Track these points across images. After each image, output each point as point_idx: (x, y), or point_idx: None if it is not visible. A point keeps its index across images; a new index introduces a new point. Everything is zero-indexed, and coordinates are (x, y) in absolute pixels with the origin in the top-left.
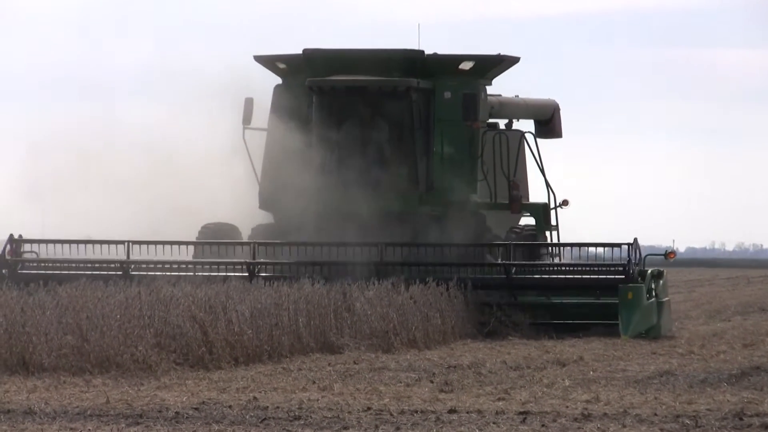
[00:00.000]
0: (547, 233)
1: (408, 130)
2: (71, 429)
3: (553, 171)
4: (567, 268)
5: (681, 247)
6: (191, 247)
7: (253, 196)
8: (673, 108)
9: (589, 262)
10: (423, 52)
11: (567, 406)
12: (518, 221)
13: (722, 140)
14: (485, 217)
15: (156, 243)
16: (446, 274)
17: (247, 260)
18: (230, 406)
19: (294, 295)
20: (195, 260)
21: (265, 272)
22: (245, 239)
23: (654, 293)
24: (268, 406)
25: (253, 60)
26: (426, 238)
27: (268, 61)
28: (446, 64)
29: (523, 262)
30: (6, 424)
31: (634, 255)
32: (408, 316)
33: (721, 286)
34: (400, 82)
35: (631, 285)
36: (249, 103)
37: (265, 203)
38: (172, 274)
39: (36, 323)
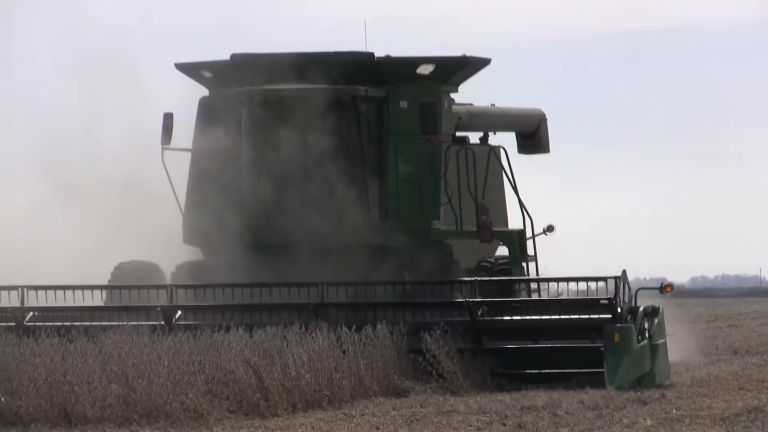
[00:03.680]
0: (524, 265)
1: (356, 147)
2: None
3: (541, 192)
4: (541, 310)
5: (767, 275)
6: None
7: (177, 229)
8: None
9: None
10: (373, 54)
11: None
12: (493, 251)
13: None
14: (451, 247)
15: (56, 288)
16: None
17: (163, 305)
18: None
19: (354, 336)
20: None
21: (185, 320)
22: (168, 280)
23: (647, 334)
24: None
25: (174, 68)
26: (380, 275)
27: (192, 69)
28: (401, 68)
29: (493, 297)
30: None
31: (622, 289)
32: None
33: None
34: (346, 90)
35: (618, 325)
36: (168, 119)
37: (190, 237)
38: (75, 323)
39: (78, 372)
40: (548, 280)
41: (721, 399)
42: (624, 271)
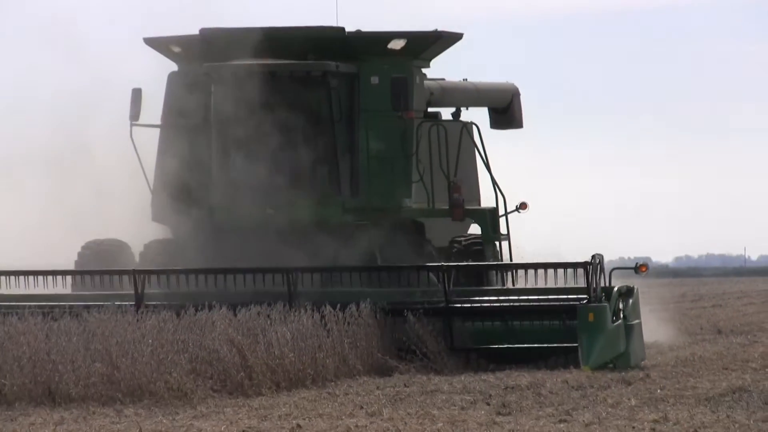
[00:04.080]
0: (497, 244)
1: (327, 124)
2: None
3: (516, 168)
4: (515, 294)
5: (754, 255)
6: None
7: (146, 207)
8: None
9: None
10: (343, 29)
11: (633, 427)
12: (465, 230)
13: None
14: (423, 226)
15: (23, 273)
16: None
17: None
18: None
19: (338, 315)
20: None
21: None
22: (137, 258)
23: (622, 315)
24: None
25: (143, 43)
26: (351, 254)
27: (161, 44)
28: (372, 43)
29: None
30: None
31: (596, 270)
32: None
33: None
34: (316, 65)
35: (592, 305)
36: (137, 95)
37: (159, 215)
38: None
39: (62, 351)
40: (522, 266)
41: (705, 379)
42: (600, 254)
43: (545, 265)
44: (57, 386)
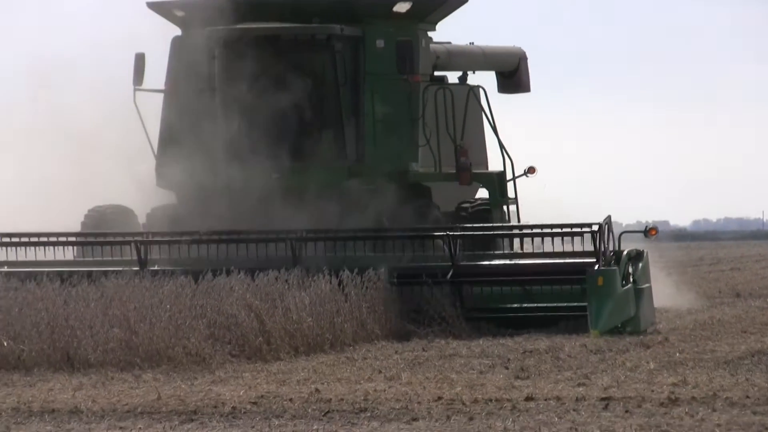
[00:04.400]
0: (505, 208)
1: (332, 88)
2: (120, 428)
3: (529, 132)
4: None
5: None
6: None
7: (150, 172)
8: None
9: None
10: None
11: (652, 390)
12: (473, 194)
13: None
14: (430, 190)
15: (25, 236)
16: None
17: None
18: (291, 400)
19: (356, 279)
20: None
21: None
22: (141, 223)
23: (632, 278)
24: (331, 399)
25: (146, 7)
26: (357, 219)
27: (164, 9)
28: (377, 6)
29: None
30: (51, 424)
31: (605, 233)
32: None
33: None
34: (320, 28)
35: (602, 269)
36: (140, 60)
37: (163, 180)
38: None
39: (80, 316)
40: (531, 227)
41: (724, 342)
42: (609, 216)
43: (555, 226)
44: (75, 352)
